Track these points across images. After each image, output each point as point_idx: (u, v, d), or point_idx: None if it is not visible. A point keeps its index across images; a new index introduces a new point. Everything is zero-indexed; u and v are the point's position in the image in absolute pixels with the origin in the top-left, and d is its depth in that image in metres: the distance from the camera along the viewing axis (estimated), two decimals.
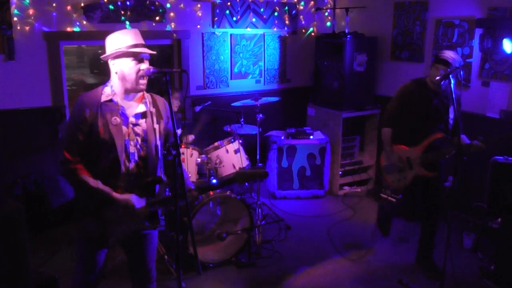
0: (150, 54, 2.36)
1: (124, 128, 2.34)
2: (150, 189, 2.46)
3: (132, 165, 2.38)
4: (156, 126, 2.44)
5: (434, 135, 3.51)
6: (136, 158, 2.39)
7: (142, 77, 2.34)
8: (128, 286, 2.82)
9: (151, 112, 2.43)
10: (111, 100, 2.34)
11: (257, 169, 2.95)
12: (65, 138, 2.37)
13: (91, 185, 2.29)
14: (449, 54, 3.35)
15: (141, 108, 2.41)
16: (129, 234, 2.47)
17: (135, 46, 2.33)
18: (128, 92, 2.38)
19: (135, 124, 2.39)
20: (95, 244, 2.44)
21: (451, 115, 3.47)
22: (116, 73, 2.34)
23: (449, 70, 3.26)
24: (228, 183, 2.70)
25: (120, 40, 2.34)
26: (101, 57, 2.40)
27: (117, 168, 2.33)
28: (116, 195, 2.33)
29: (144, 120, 2.41)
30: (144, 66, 2.33)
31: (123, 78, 2.34)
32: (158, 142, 2.45)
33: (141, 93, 2.43)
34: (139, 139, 2.39)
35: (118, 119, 2.32)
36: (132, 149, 2.37)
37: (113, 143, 2.30)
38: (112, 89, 2.36)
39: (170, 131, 2.53)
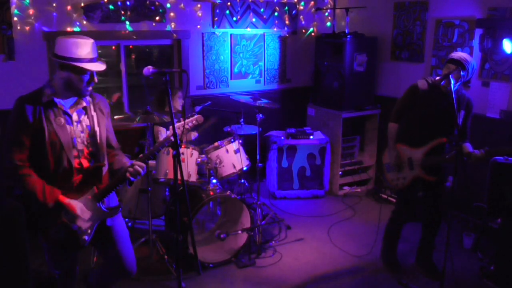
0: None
1: (68, 127, 2.37)
2: (95, 177, 2.47)
3: (83, 161, 2.42)
4: (93, 113, 2.47)
5: (439, 139, 3.46)
6: (85, 154, 2.44)
7: (88, 86, 2.36)
8: (129, 285, 2.82)
9: (90, 107, 2.47)
10: (52, 100, 2.33)
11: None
12: (9, 142, 2.29)
13: (37, 196, 2.28)
14: (461, 54, 3.31)
15: (82, 104, 2.44)
16: (96, 225, 2.47)
17: (89, 60, 2.30)
18: (70, 96, 2.39)
19: (79, 121, 2.42)
20: (73, 248, 2.45)
21: (460, 120, 3.42)
22: (63, 78, 2.32)
23: (456, 68, 3.24)
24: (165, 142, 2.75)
25: (71, 50, 2.28)
26: (51, 57, 2.35)
27: (69, 167, 2.36)
28: (63, 199, 2.33)
29: (86, 115, 2.45)
30: (92, 80, 2.35)
31: (69, 86, 2.34)
32: (96, 129, 2.47)
33: None
34: (85, 135, 2.43)
35: (62, 120, 2.35)
36: (80, 146, 2.41)
37: (61, 143, 2.32)
38: (53, 89, 2.35)
39: (110, 135, 2.59)
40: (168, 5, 4.90)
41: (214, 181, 4.16)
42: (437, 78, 3.27)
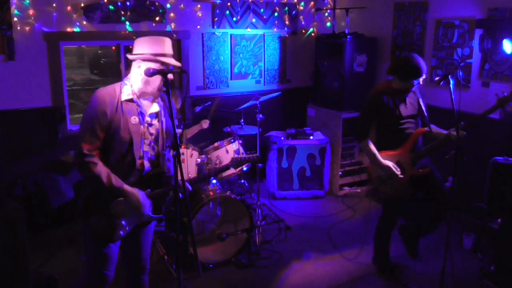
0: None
1: (141, 127, 2.42)
2: (152, 181, 2.52)
3: (145, 163, 2.47)
4: (163, 119, 2.52)
5: (417, 132, 3.43)
6: (149, 156, 2.48)
7: (164, 86, 2.38)
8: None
9: (161, 112, 2.52)
10: (131, 100, 2.39)
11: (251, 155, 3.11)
12: (83, 130, 2.34)
13: (103, 181, 2.31)
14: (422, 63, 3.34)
15: (155, 108, 2.49)
16: (137, 224, 2.53)
17: (167, 55, 2.37)
18: (147, 95, 2.44)
19: (150, 124, 2.47)
20: (106, 240, 2.47)
21: (423, 107, 3.44)
22: (141, 75, 2.36)
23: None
24: (223, 170, 3.06)
25: (155, 46, 2.35)
26: (129, 56, 2.41)
27: (131, 166, 2.42)
28: (126, 187, 2.38)
29: (157, 119, 2.50)
30: (167, 81, 2.34)
31: (146, 82, 2.38)
32: (164, 135, 2.53)
33: None
34: (153, 138, 2.48)
35: (137, 119, 2.39)
36: (146, 147, 2.46)
37: (131, 141, 2.37)
38: (132, 88, 2.40)
39: (170, 131, 2.58)
40: (168, 6, 4.90)
41: (214, 181, 4.16)
42: (437, 78, 3.28)
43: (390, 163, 3.42)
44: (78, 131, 2.37)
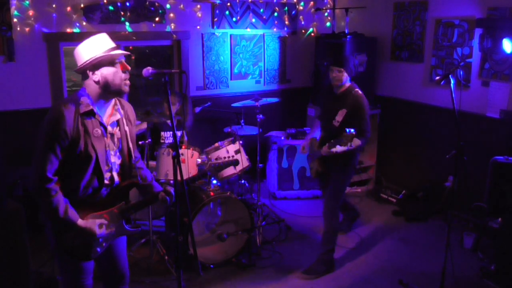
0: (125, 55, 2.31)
1: (104, 139, 2.29)
2: (125, 193, 2.44)
3: (114, 175, 2.37)
4: (126, 128, 2.41)
5: (320, 137, 3.86)
6: (117, 167, 2.38)
7: (126, 79, 2.27)
8: (129, 286, 2.82)
9: (123, 120, 2.41)
10: (91, 111, 2.22)
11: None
12: (43, 151, 2.12)
13: (59, 213, 2.15)
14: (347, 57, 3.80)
15: (116, 116, 2.37)
16: (113, 239, 2.43)
17: (113, 49, 2.26)
18: (108, 98, 2.30)
19: (112, 134, 2.35)
20: (83, 258, 2.34)
21: (338, 118, 3.66)
22: (98, 81, 2.22)
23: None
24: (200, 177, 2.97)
25: (95, 47, 2.24)
26: (77, 69, 2.27)
27: (99, 180, 2.29)
28: (80, 223, 2.23)
29: (118, 128, 2.38)
30: (126, 68, 2.27)
31: (106, 86, 2.23)
32: (130, 145, 2.43)
33: (114, 100, 2.37)
34: (116, 148, 2.37)
35: (99, 131, 2.25)
36: (112, 158, 2.35)
37: (96, 155, 2.23)
38: (90, 97, 2.24)
39: (133, 144, 2.49)
40: (168, 6, 4.90)
41: (215, 181, 4.16)
42: (437, 78, 3.28)
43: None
44: (36, 152, 2.14)
